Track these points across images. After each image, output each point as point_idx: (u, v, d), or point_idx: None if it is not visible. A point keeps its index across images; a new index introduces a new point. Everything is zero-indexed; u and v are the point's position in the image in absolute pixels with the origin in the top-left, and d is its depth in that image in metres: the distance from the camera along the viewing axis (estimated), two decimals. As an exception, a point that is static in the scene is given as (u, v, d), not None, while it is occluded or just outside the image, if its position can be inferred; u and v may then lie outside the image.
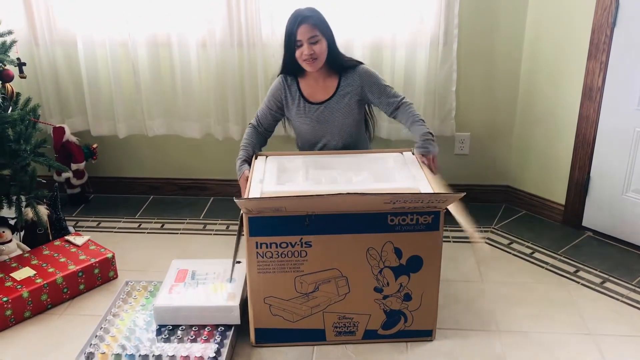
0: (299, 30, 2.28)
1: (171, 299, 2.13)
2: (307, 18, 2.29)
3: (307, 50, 2.29)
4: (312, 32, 2.29)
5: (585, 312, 2.26)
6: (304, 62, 2.33)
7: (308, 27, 2.28)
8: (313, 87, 2.44)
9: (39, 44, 2.98)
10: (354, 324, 2.09)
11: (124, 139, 3.15)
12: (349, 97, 2.41)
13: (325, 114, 2.43)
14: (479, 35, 2.87)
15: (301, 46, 2.30)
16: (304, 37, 2.28)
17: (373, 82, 2.42)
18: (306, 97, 2.44)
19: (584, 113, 2.71)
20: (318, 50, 2.31)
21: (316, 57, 2.31)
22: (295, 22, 2.29)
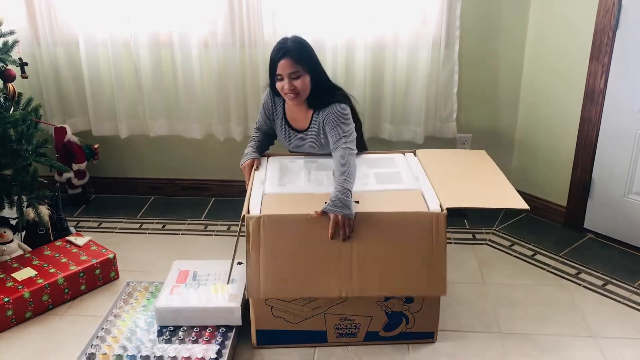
0: (280, 64, 2.19)
1: (172, 300, 2.13)
2: (289, 52, 2.18)
3: (287, 85, 2.21)
4: (293, 67, 2.18)
5: (587, 315, 2.26)
6: (285, 95, 2.26)
7: (289, 62, 2.18)
8: (294, 112, 2.39)
9: (41, 44, 2.97)
10: (355, 325, 2.08)
11: (125, 139, 3.15)
12: (318, 133, 2.33)
13: (302, 141, 2.41)
14: (480, 37, 2.87)
15: (282, 80, 2.22)
16: (285, 71, 2.19)
17: (331, 119, 2.25)
18: (288, 120, 2.40)
19: (585, 115, 2.71)
20: (300, 85, 2.21)
21: (298, 92, 2.22)
22: (277, 54, 2.20)
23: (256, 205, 2.06)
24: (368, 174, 2.32)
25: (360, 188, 2.16)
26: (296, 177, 2.33)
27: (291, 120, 2.40)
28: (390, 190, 2.17)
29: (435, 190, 2.14)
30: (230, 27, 2.84)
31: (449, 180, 2.24)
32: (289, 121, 2.40)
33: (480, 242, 2.80)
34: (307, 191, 2.19)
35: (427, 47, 2.81)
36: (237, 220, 2.04)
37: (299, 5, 2.78)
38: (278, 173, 2.32)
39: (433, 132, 2.99)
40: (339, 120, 2.24)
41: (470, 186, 2.22)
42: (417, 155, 2.47)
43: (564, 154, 2.85)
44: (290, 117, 2.39)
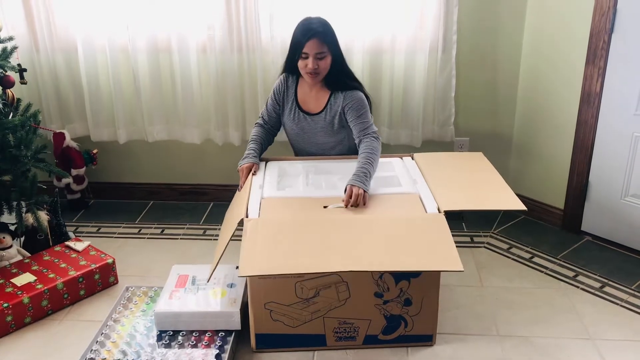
0: (309, 44, 2.26)
1: (172, 305, 2.14)
2: (319, 34, 2.26)
3: (311, 64, 2.28)
4: (321, 48, 2.27)
5: (585, 317, 2.27)
6: (306, 74, 2.33)
7: (317, 42, 2.26)
8: (308, 94, 2.44)
9: (40, 50, 2.98)
10: (354, 329, 2.09)
11: (124, 145, 3.16)
12: (332, 117, 2.40)
13: (311, 125, 2.44)
14: (478, 41, 2.89)
15: (306, 58, 2.29)
16: (312, 51, 2.27)
17: (353, 106, 2.35)
18: (300, 103, 2.45)
19: (582, 118, 2.72)
20: (322, 65, 2.30)
21: (319, 72, 2.31)
22: (305, 34, 2.26)
23: (254, 210, 2.07)
24: None
25: None
26: (294, 181, 2.34)
27: (302, 103, 2.43)
28: (388, 194, 2.18)
29: (433, 194, 2.15)
30: (228, 33, 2.85)
31: (447, 183, 2.25)
32: (300, 104, 2.43)
33: (478, 245, 2.81)
34: (306, 195, 2.20)
35: (424, 51, 2.82)
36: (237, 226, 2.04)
37: (296, 10, 2.79)
38: (276, 177, 2.33)
39: (431, 136, 3.00)
40: (362, 109, 2.36)
41: (467, 188, 2.24)
42: (415, 159, 2.48)
43: (561, 157, 2.86)
44: (302, 99, 2.43)
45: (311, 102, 2.43)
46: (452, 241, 1.90)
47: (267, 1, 2.79)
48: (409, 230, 1.98)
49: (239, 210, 2.12)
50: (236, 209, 2.18)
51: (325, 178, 2.37)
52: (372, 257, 1.86)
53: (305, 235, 1.96)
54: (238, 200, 2.26)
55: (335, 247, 1.90)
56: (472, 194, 2.20)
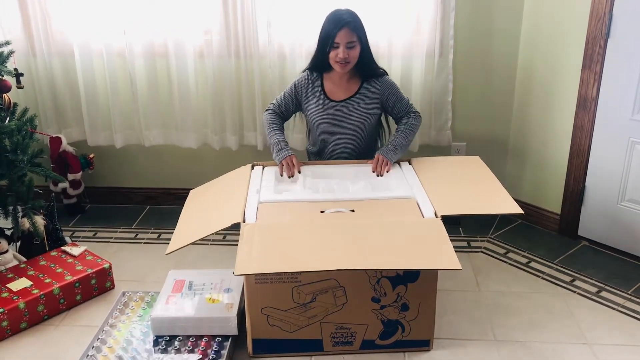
0: (340, 33, 2.34)
1: (168, 310, 2.13)
2: (349, 23, 2.35)
3: (342, 53, 2.36)
4: (351, 37, 2.35)
5: (582, 322, 2.27)
6: (336, 63, 2.40)
7: (348, 32, 2.34)
8: (337, 85, 2.51)
9: (37, 55, 2.98)
10: (351, 334, 2.08)
11: (120, 149, 3.15)
12: (368, 101, 2.49)
13: (343, 111, 2.50)
14: (474, 46, 2.89)
15: (337, 48, 2.36)
16: (343, 41, 2.35)
17: (392, 91, 2.51)
18: (327, 93, 2.51)
19: (578, 123, 2.73)
20: (353, 54, 2.38)
21: (349, 61, 2.39)
22: (337, 25, 2.34)
23: (252, 214, 2.07)
24: (362, 181, 2.34)
25: (353, 195, 2.20)
26: (292, 185, 2.34)
27: (329, 93, 2.51)
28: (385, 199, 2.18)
29: (430, 199, 2.15)
30: (226, 38, 2.85)
31: (444, 187, 2.25)
32: (327, 94, 2.50)
33: (475, 249, 2.81)
34: (303, 198, 2.20)
35: (421, 56, 2.83)
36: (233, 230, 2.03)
37: (294, 15, 2.80)
38: (273, 181, 2.33)
39: (428, 140, 3.01)
40: (399, 92, 2.54)
41: (464, 193, 2.24)
42: (412, 164, 2.48)
43: (558, 161, 2.86)
44: (329, 89, 2.51)
45: (340, 91, 2.51)
46: (449, 242, 1.90)
47: (264, 6, 2.80)
48: (406, 233, 1.98)
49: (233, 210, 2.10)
50: (230, 206, 2.16)
51: (323, 182, 2.37)
52: (369, 257, 1.86)
53: (302, 238, 1.96)
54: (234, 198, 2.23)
55: (332, 249, 1.90)
56: (470, 199, 2.20)
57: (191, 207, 2.33)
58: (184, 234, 2.11)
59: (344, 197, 2.19)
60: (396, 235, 1.96)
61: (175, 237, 2.10)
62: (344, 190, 2.30)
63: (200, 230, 2.07)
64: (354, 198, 2.17)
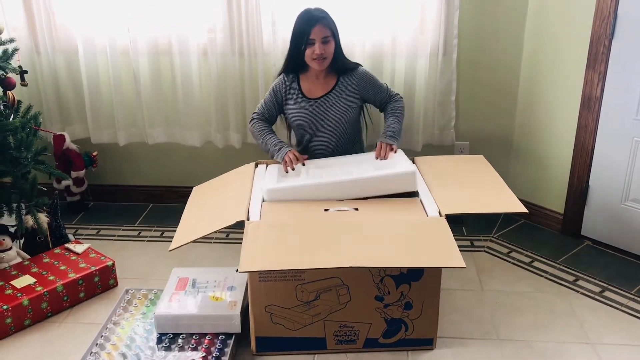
0: (314, 30, 2.38)
1: (172, 308, 2.13)
2: (322, 19, 2.39)
3: (318, 49, 2.39)
4: (325, 32, 2.39)
5: (585, 321, 2.27)
6: (313, 60, 2.43)
7: (322, 27, 2.39)
8: (313, 83, 2.54)
9: (40, 52, 2.98)
10: (354, 332, 2.08)
11: (124, 147, 3.15)
12: (346, 95, 2.52)
13: (321, 108, 2.52)
14: (478, 45, 2.89)
15: (313, 45, 2.39)
16: (318, 36, 2.38)
17: (369, 81, 2.55)
18: (304, 92, 2.54)
19: (582, 123, 2.72)
20: (328, 50, 2.42)
21: (326, 57, 2.42)
22: (309, 21, 2.39)
23: (255, 212, 2.07)
24: (365, 164, 2.39)
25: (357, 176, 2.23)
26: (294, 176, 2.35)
27: (307, 92, 2.54)
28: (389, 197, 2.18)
29: (434, 197, 2.15)
30: (230, 36, 2.85)
31: (448, 186, 2.25)
32: (305, 93, 2.54)
33: (478, 249, 2.81)
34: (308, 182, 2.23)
35: (425, 55, 2.83)
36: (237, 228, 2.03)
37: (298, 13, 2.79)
38: (277, 175, 2.35)
39: (431, 139, 3.00)
40: (375, 80, 2.58)
41: (468, 192, 2.24)
42: (415, 162, 2.48)
43: (561, 161, 2.86)
44: (306, 88, 2.54)
45: (316, 89, 2.54)
46: (453, 241, 1.90)
47: (268, 4, 2.80)
48: (410, 232, 1.98)
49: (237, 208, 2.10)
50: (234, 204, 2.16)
51: (326, 170, 2.37)
52: (373, 255, 1.86)
53: (306, 236, 1.96)
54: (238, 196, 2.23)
55: (336, 246, 1.90)
56: (474, 198, 2.20)
57: (194, 204, 2.34)
58: (188, 230, 2.11)
59: (348, 178, 2.20)
60: (400, 234, 1.96)
61: (178, 234, 2.10)
62: (347, 173, 2.30)
63: (204, 227, 2.07)
64: (358, 178, 2.19)
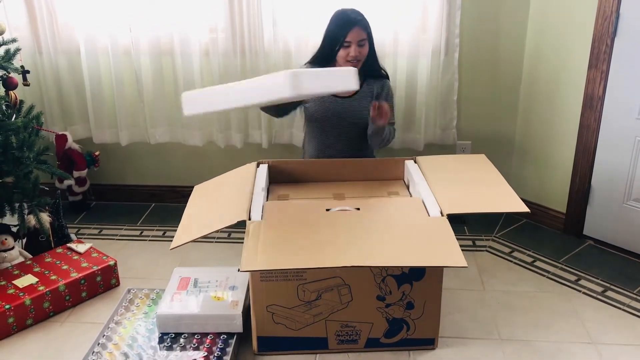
0: (352, 32, 2.35)
1: (173, 307, 2.14)
2: (360, 21, 2.37)
3: (354, 52, 2.37)
4: (362, 35, 2.37)
5: (587, 321, 2.26)
6: (347, 62, 2.40)
7: (360, 30, 2.36)
8: None
9: (43, 52, 2.98)
10: (356, 332, 2.08)
11: (126, 147, 3.15)
12: (367, 102, 2.49)
13: (342, 108, 2.49)
14: (480, 44, 2.89)
15: (348, 47, 2.37)
16: (355, 39, 2.36)
17: (389, 97, 2.53)
18: None
19: (584, 122, 2.72)
20: (363, 53, 2.40)
21: (360, 59, 2.40)
22: (348, 24, 2.36)
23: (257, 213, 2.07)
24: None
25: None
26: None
27: None
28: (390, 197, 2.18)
29: (436, 197, 2.15)
30: (231, 35, 2.85)
31: (449, 186, 2.25)
32: None
33: (480, 248, 2.81)
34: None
35: (427, 54, 2.82)
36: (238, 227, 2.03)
37: (299, 13, 2.80)
38: None
39: (433, 139, 3.00)
40: (392, 100, 2.54)
41: (470, 191, 2.23)
42: (417, 162, 2.48)
43: (564, 160, 2.85)
44: None
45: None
46: (455, 240, 1.89)
47: (269, 4, 2.80)
48: (412, 231, 1.98)
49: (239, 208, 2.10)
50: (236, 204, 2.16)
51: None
52: (374, 254, 1.85)
53: (308, 235, 1.96)
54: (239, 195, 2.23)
55: (337, 246, 1.90)
56: (475, 197, 2.19)
57: (195, 203, 2.33)
58: (189, 229, 2.10)
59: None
60: (402, 234, 1.96)
61: (179, 233, 2.10)
62: None
63: (206, 226, 2.07)
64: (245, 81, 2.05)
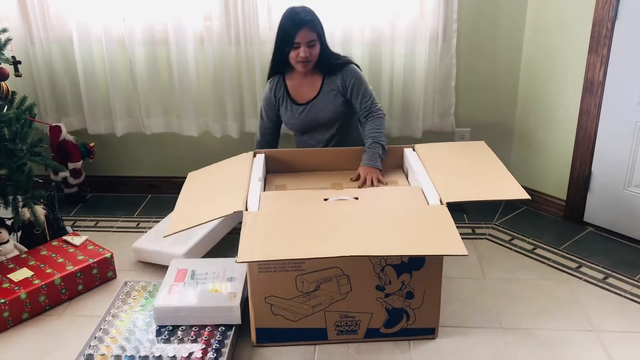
0: (299, 34, 2.33)
1: (171, 299, 2.11)
2: (308, 22, 2.34)
3: (303, 53, 2.36)
4: (311, 36, 2.35)
5: (589, 309, 2.25)
6: (298, 63, 2.40)
7: (308, 31, 2.34)
8: (300, 83, 2.51)
9: (35, 42, 2.94)
10: (355, 322, 2.07)
11: (121, 137, 3.12)
12: (333, 96, 2.47)
13: (311, 113, 2.50)
14: (478, 30, 2.85)
15: (298, 48, 2.35)
16: (303, 40, 2.35)
17: (355, 83, 2.46)
18: (293, 97, 2.52)
19: (584, 108, 2.69)
20: (314, 53, 2.39)
21: (310, 60, 2.39)
22: (295, 25, 2.34)
23: (254, 203, 2.05)
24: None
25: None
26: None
27: (295, 96, 2.51)
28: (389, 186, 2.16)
29: (435, 185, 2.12)
30: (226, 23, 2.81)
31: (449, 173, 2.23)
32: (294, 98, 2.50)
33: (479, 236, 2.79)
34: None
35: (424, 40, 2.79)
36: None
37: (293, 1, 2.75)
38: None
39: (431, 126, 2.97)
40: (362, 84, 2.45)
41: (470, 179, 2.21)
42: (416, 150, 2.45)
43: (563, 147, 2.83)
44: (294, 92, 2.52)
45: (304, 92, 2.51)
46: (455, 229, 1.87)
47: (264, -9, 2.76)
48: (411, 220, 1.95)
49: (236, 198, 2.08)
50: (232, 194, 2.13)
51: None
52: (374, 244, 1.84)
53: (306, 225, 1.94)
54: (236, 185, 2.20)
55: (336, 236, 1.88)
56: (475, 184, 2.17)
57: (190, 190, 2.31)
58: (184, 217, 2.08)
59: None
60: (401, 223, 1.93)
61: (174, 220, 2.07)
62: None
63: (201, 215, 2.05)
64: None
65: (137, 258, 2.59)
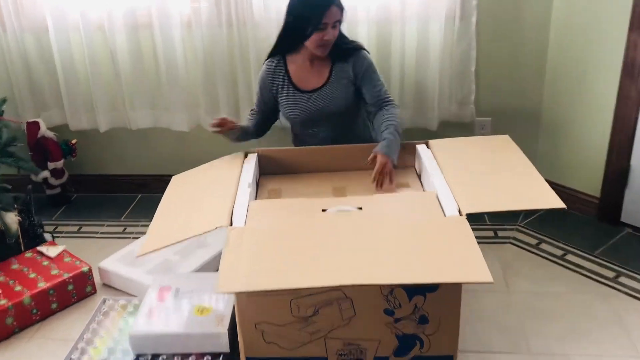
0: (328, 13, 2.09)
1: (150, 325, 1.88)
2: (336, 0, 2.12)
3: (330, 35, 2.13)
4: (338, 15, 2.13)
5: (632, 328, 1.99)
6: (319, 47, 2.15)
7: (337, 10, 2.12)
8: (303, 69, 2.25)
9: (7, 30, 2.77)
10: (361, 350, 1.81)
11: (105, 133, 2.94)
12: (344, 85, 2.23)
13: (319, 102, 2.24)
14: (501, 6, 2.63)
15: (324, 30, 2.12)
16: (331, 20, 2.11)
17: (367, 71, 2.24)
18: (295, 83, 2.25)
19: (623, 93, 2.44)
20: (336, 35, 2.17)
21: (332, 42, 2.17)
22: (325, 3, 2.10)
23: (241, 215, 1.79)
24: None
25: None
26: None
27: (298, 82, 2.26)
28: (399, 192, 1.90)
29: (452, 191, 1.86)
30: (215, 4, 2.61)
31: (468, 176, 1.97)
32: (296, 84, 2.25)
33: (503, 240, 2.54)
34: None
35: (439, 19, 2.57)
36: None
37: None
38: None
39: (448, 116, 2.76)
40: (374, 72, 2.26)
41: (493, 183, 1.95)
42: (430, 147, 2.18)
43: (598, 137, 2.60)
44: (297, 76, 2.26)
45: (312, 78, 2.25)
46: (477, 248, 1.62)
47: (257, -33, 2.53)
48: (424, 236, 1.70)
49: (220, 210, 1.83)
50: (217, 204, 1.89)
51: None
52: (380, 268, 1.58)
53: (300, 243, 1.69)
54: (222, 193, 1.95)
55: (336, 257, 1.62)
56: (500, 190, 1.91)
57: (170, 199, 2.09)
58: (160, 233, 1.84)
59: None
60: (412, 241, 1.67)
61: (149, 236, 1.84)
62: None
63: (179, 231, 1.81)
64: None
65: (103, 280, 2.34)
